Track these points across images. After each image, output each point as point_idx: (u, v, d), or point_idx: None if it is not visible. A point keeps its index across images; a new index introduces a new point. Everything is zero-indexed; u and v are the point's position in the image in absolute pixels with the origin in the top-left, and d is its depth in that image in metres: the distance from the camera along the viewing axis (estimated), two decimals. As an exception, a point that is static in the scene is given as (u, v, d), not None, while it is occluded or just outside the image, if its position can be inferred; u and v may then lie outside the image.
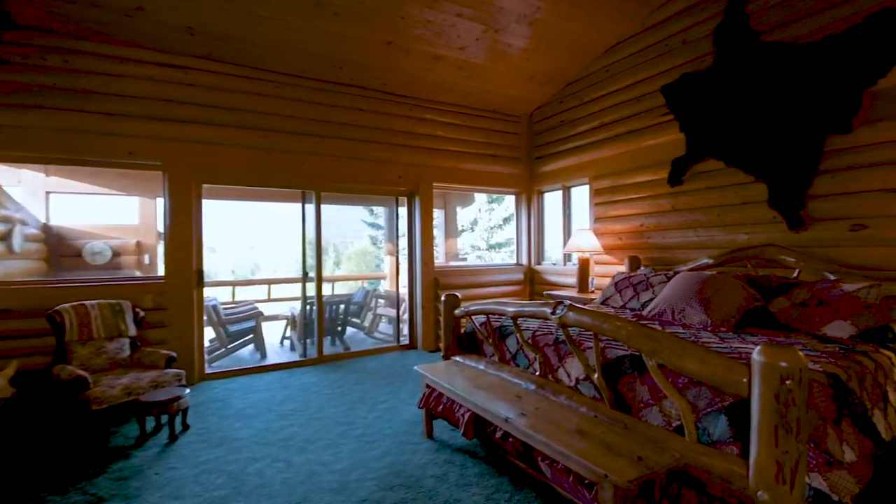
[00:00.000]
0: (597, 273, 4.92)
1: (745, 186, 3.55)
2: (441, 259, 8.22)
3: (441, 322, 3.25)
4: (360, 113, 4.85)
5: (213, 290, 7.21)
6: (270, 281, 7.55)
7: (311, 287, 4.79)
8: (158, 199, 5.66)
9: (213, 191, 6.33)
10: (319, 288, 4.75)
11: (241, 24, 3.72)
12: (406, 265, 5.47)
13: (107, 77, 3.79)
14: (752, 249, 3.42)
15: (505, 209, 13.89)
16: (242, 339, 5.25)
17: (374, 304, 6.43)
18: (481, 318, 3.02)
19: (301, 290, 4.82)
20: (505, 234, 14.14)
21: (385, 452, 2.65)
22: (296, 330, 5.46)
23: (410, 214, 5.35)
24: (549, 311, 2.21)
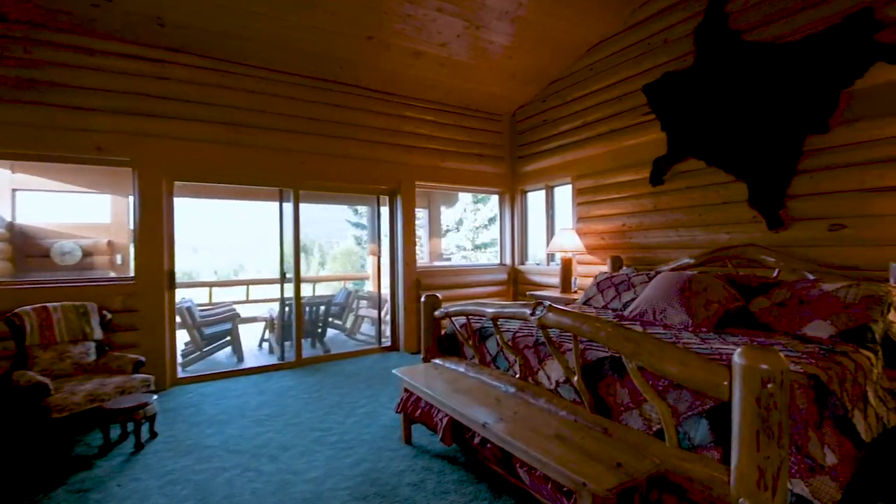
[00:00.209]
0: (579, 273, 4.90)
1: (725, 186, 3.55)
2: (425, 259, 8.14)
3: (424, 323, 3.17)
4: (340, 109, 4.74)
5: (189, 291, 7.02)
6: (248, 282, 7.38)
7: (290, 288, 4.67)
8: (131, 196, 5.46)
9: (194, 188, 6.18)
10: (298, 289, 4.64)
11: (211, 15, 3.59)
12: (388, 265, 5.38)
13: (73, 69, 3.63)
14: (732, 249, 3.41)
15: (490, 209, 13.87)
16: (218, 342, 5.09)
17: (355, 306, 6.31)
18: (462, 320, 2.95)
19: (279, 291, 4.69)
20: (490, 234, 14.12)
21: (361, 459, 2.56)
22: (274, 332, 5.33)
23: (392, 214, 5.26)
24: (529, 312, 2.15)
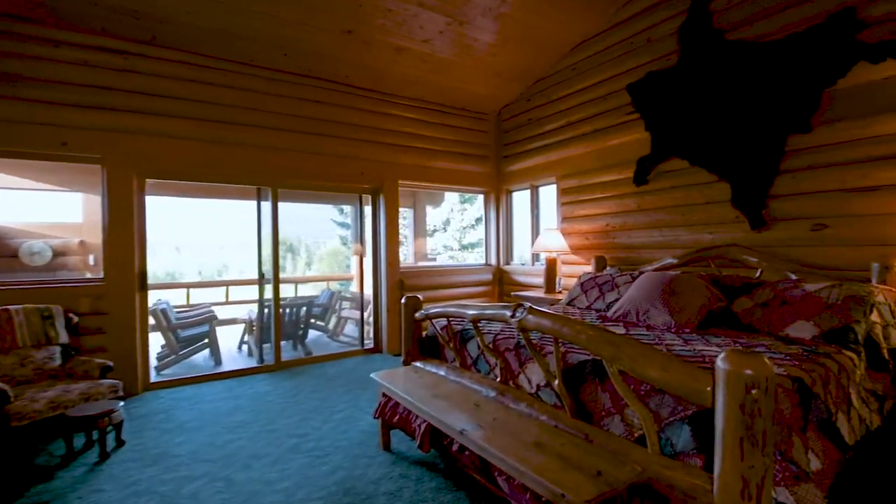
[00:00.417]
0: (564, 273, 4.86)
1: (708, 186, 3.53)
2: (410, 259, 8.05)
3: (404, 325, 3.08)
4: (320, 105, 4.62)
5: (167, 292, 6.82)
6: (227, 283, 7.21)
7: (272, 289, 4.55)
8: (103, 195, 5.28)
9: (178, 187, 6.00)
10: (277, 290, 4.51)
11: (187, 8, 3.46)
12: (371, 266, 5.27)
13: (38, 61, 3.46)
14: (715, 249, 3.39)
15: (477, 209, 13.84)
16: (195, 345, 4.94)
17: (338, 307, 6.20)
18: (443, 322, 2.87)
19: (258, 292, 4.56)
20: (478, 234, 14.10)
21: (337, 467, 2.47)
22: (253, 334, 5.19)
23: (375, 213, 5.16)
24: (509, 314, 2.08)
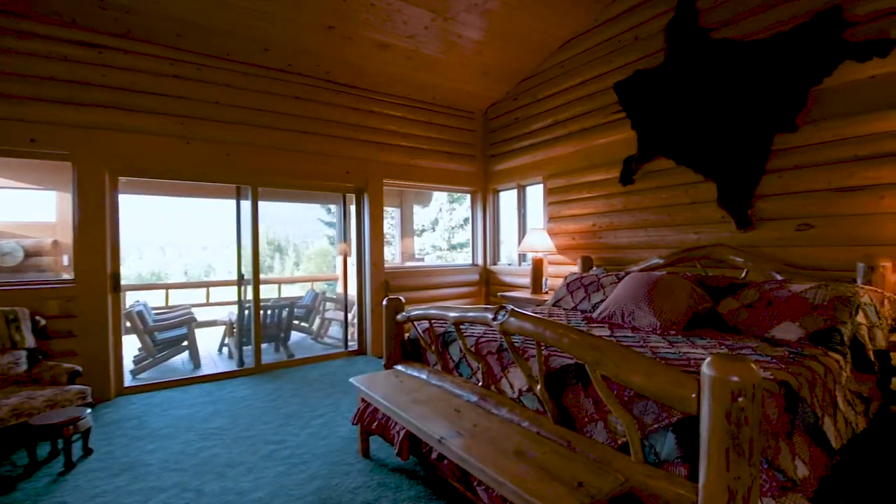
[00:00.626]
0: (550, 273, 4.81)
1: (695, 186, 3.50)
2: (397, 259, 7.95)
3: (385, 328, 2.99)
4: (302, 102, 4.51)
5: (145, 293, 6.65)
6: (206, 284, 7.04)
7: (253, 290, 4.42)
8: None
9: (157, 186, 5.84)
10: (257, 291, 4.39)
11: (159, -2, 3.34)
12: (355, 266, 5.17)
13: (3, 53, 3.31)
14: (701, 249, 3.36)
15: (466, 209, 13.77)
16: (173, 348, 4.80)
17: (322, 308, 6.08)
18: (425, 324, 2.80)
19: (237, 293, 4.43)
20: (466, 234, 14.05)
21: (314, 475, 2.37)
22: (234, 337, 5.06)
23: (359, 212, 5.06)
24: (491, 316, 2.02)
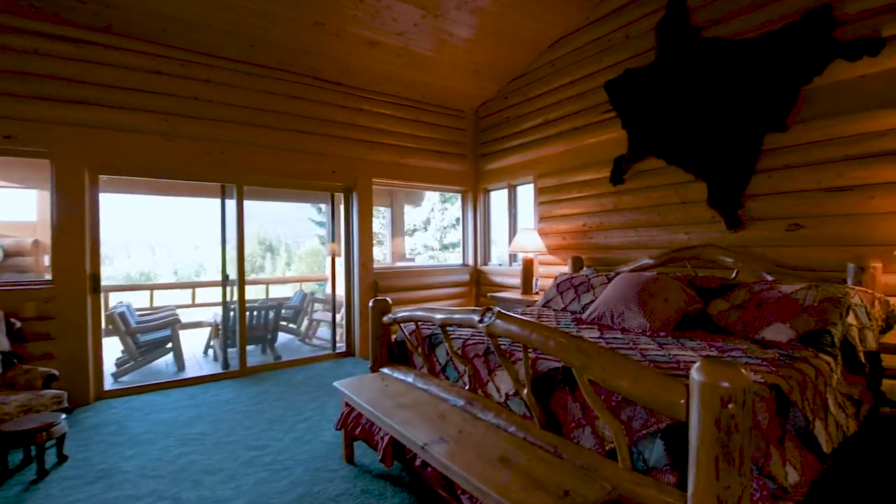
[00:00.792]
0: (541, 274, 4.77)
1: (685, 185, 3.47)
2: (387, 259, 7.88)
3: (371, 329, 2.93)
4: (289, 99, 4.42)
5: (128, 294, 6.52)
6: (190, 284, 6.93)
7: (238, 291, 4.33)
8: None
9: (145, 184, 5.72)
10: (242, 292, 4.30)
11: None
12: (343, 266, 5.10)
13: (-24, 47, 3.22)
14: (691, 249, 3.34)
15: (458, 209, 13.72)
16: (156, 351, 4.70)
17: (310, 309, 6.00)
18: (411, 326, 2.74)
19: (222, 294, 4.34)
20: (458, 233, 13.99)
21: (296, 482, 2.31)
22: (219, 338, 4.96)
23: (348, 212, 4.99)
24: (477, 318, 1.96)
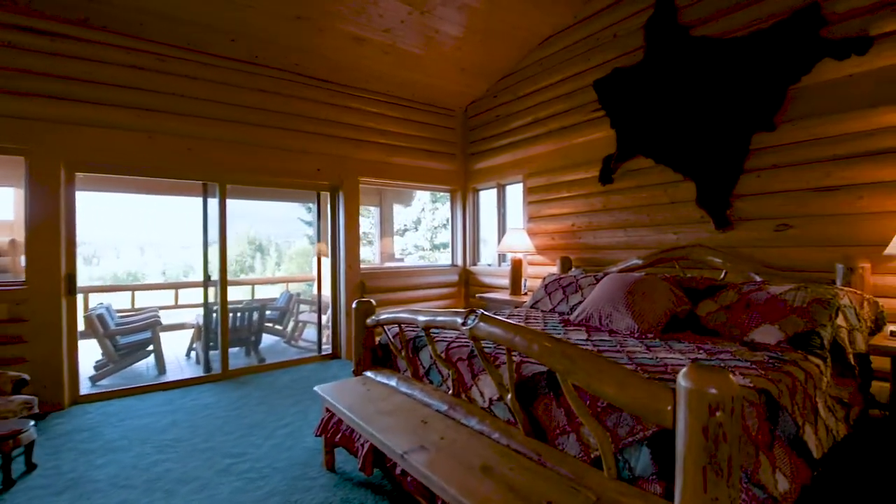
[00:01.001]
0: (530, 274, 4.72)
1: (674, 185, 3.44)
2: (376, 260, 7.80)
3: (354, 332, 2.86)
4: (273, 96, 4.33)
5: (109, 296, 6.37)
6: (172, 285, 6.79)
7: (221, 292, 4.22)
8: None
9: (133, 183, 5.60)
10: (224, 293, 4.19)
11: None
12: (329, 266, 5.01)
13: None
14: (680, 250, 3.30)
15: (449, 209, 13.67)
16: (137, 353, 4.57)
17: (296, 310, 5.90)
18: (396, 329, 2.67)
19: (203, 295, 4.23)
20: (449, 234, 13.96)
21: (272, 492, 2.22)
22: (201, 340, 4.85)
23: (334, 211, 4.90)
24: (461, 320, 1.90)
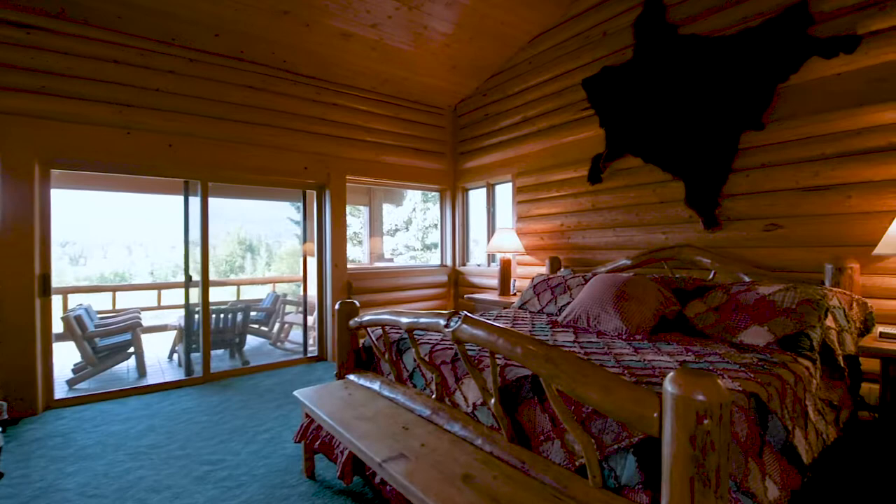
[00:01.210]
0: (519, 274, 4.67)
1: (662, 185, 3.41)
2: (365, 260, 7.72)
3: (337, 334, 2.78)
4: (258, 92, 4.23)
5: (89, 296, 6.22)
6: (154, 286, 6.66)
7: (202, 293, 4.12)
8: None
9: (109, 181, 5.47)
10: (206, 294, 4.09)
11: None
12: (315, 267, 4.91)
13: None
14: (669, 250, 3.27)
15: (439, 208, 13.62)
16: (117, 356, 4.45)
17: (282, 311, 5.79)
18: (379, 331, 2.60)
19: (184, 296, 4.12)
20: (439, 233, 13.91)
21: (249, 500, 2.14)
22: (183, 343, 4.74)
23: (320, 210, 4.82)
24: (444, 322, 1.84)
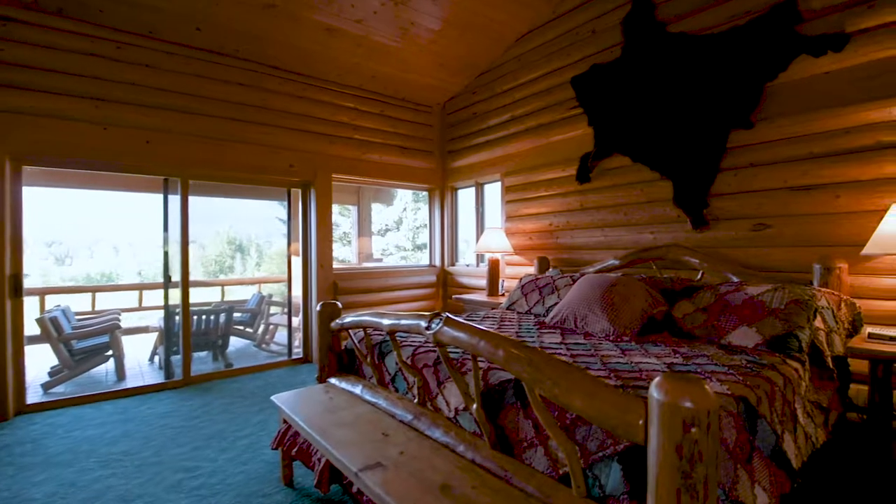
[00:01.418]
0: (508, 275, 4.62)
1: (651, 184, 3.38)
2: (353, 260, 7.63)
3: (318, 336, 2.70)
4: (240, 88, 4.12)
5: (68, 297, 6.06)
6: (133, 286, 6.51)
7: (182, 294, 4.01)
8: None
9: (107, 180, 5.32)
10: (186, 295, 3.98)
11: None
12: (300, 267, 4.82)
13: None
14: (657, 250, 3.24)
15: (427, 208, 13.59)
16: (94, 358, 4.32)
17: (267, 312, 5.69)
18: (361, 333, 2.53)
19: (164, 297, 4.01)
20: (427, 233, 13.88)
21: (223, 509, 2.07)
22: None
23: (305, 209, 4.72)
24: (425, 324, 1.77)
